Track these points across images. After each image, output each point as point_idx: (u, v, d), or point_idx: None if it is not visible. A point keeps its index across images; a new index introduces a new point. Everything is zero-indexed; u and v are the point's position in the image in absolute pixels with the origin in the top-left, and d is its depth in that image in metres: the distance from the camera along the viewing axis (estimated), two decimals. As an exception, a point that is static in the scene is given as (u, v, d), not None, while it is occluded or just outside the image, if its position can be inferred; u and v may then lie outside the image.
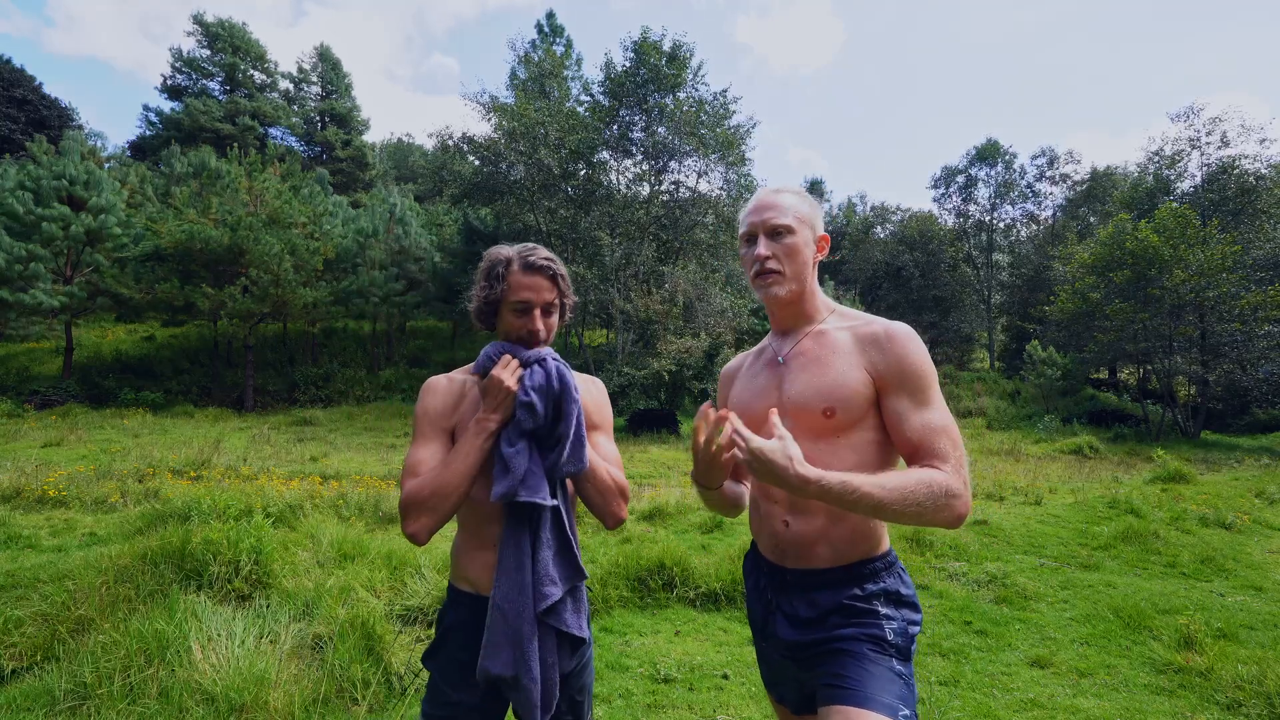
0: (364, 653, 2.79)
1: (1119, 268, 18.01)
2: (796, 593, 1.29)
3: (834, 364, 1.27)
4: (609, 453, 1.44)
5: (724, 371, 1.57)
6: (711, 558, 4.41)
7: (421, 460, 1.33)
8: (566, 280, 1.43)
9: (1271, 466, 11.36)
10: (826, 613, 1.25)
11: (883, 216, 40.81)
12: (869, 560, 1.27)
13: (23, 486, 6.13)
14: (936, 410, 1.20)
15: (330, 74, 41.91)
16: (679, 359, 16.58)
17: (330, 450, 11.66)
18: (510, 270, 1.37)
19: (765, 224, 1.32)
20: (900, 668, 1.19)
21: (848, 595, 1.24)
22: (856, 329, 1.30)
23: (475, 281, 1.42)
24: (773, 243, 1.32)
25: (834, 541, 1.27)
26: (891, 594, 1.26)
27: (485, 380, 1.31)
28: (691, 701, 2.85)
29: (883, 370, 1.23)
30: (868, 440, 1.25)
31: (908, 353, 1.22)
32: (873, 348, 1.25)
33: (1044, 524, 5.91)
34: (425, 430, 1.37)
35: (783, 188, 1.38)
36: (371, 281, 21.53)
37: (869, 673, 1.15)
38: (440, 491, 1.26)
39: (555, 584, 1.31)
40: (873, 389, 1.24)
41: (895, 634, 1.22)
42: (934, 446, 1.16)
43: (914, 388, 1.21)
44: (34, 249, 16.84)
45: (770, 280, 1.32)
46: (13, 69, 31.15)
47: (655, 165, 21.98)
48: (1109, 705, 2.84)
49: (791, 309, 1.37)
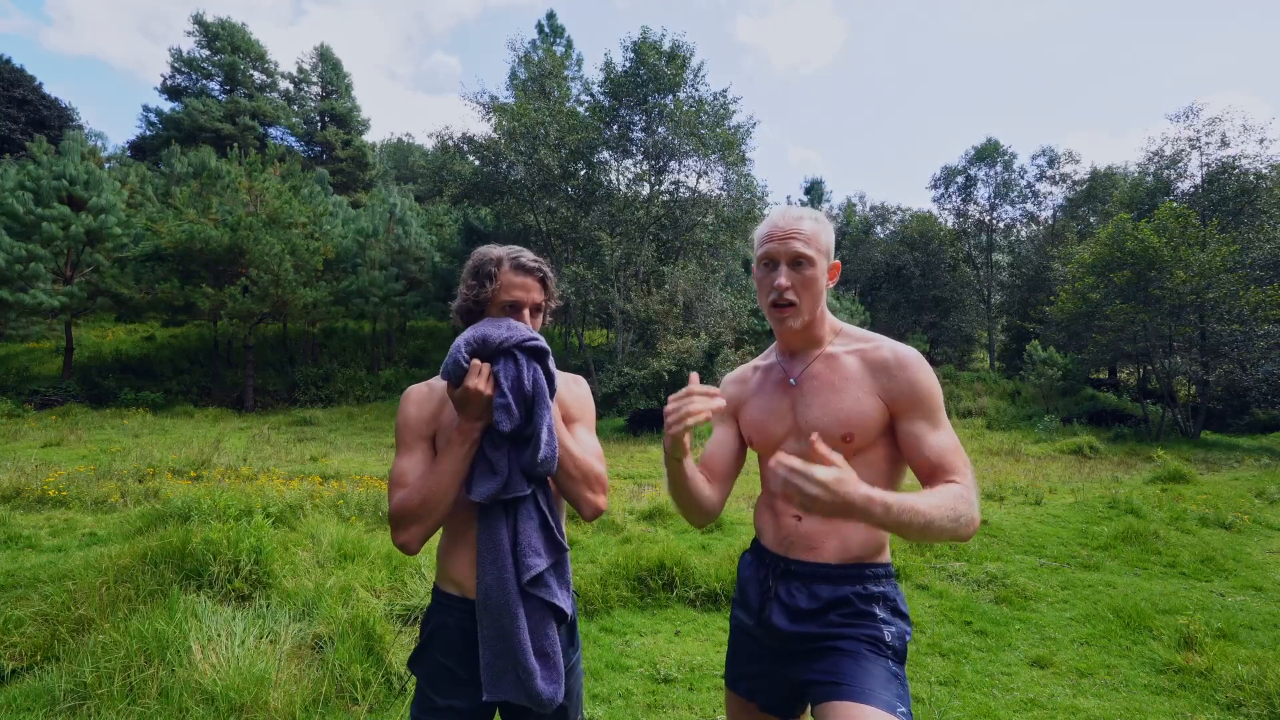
0: (364, 653, 2.79)
1: (1119, 268, 18.01)
2: (797, 582, 1.30)
3: (848, 390, 1.30)
4: (589, 445, 1.44)
5: (727, 380, 1.56)
6: (711, 558, 4.41)
7: (406, 471, 1.34)
8: (553, 284, 1.45)
9: (1271, 466, 11.36)
10: (826, 606, 1.25)
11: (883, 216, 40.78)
12: (874, 564, 1.30)
13: (23, 486, 6.12)
14: (947, 431, 1.26)
15: (330, 74, 41.89)
16: (679, 359, 16.58)
17: (330, 450, 11.66)
18: (501, 269, 1.38)
19: (789, 253, 1.32)
20: (896, 669, 1.21)
21: (850, 593, 1.26)
22: (865, 354, 1.33)
23: (462, 280, 1.42)
24: (793, 273, 1.32)
25: (845, 536, 1.29)
26: (891, 601, 1.28)
27: (459, 392, 1.28)
28: (691, 701, 2.85)
29: (895, 396, 1.27)
30: (880, 457, 1.30)
31: (920, 379, 1.27)
32: (884, 374, 1.29)
33: (1044, 524, 5.91)
34: (407, 440, 1.38)
35: (804, 213, 1.37)
36: (371, 281, 21.53)
37: (867, 671, 1.16)
38: (429, 501, 1.28)
39: (540, 555, 1.31)
40: (885, 413, 1.28)
41: (893, 637, 1.24)
42: (950, 464, 1.21)
43: (927, 410, 1.26)
44: (34, 249, 16.84)
45: (787, 314, 1.33)
46: (13, 69, 31.15)
47: (655, 165, 21.99)
48: (1109, 705, 2.84)
49: (802, 334, 1.39)
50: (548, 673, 1.28)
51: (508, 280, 1.38)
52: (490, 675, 1.26)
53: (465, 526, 1.36)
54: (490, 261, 1.39)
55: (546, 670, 1.28)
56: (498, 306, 1.38)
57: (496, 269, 1.38)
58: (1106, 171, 32.08)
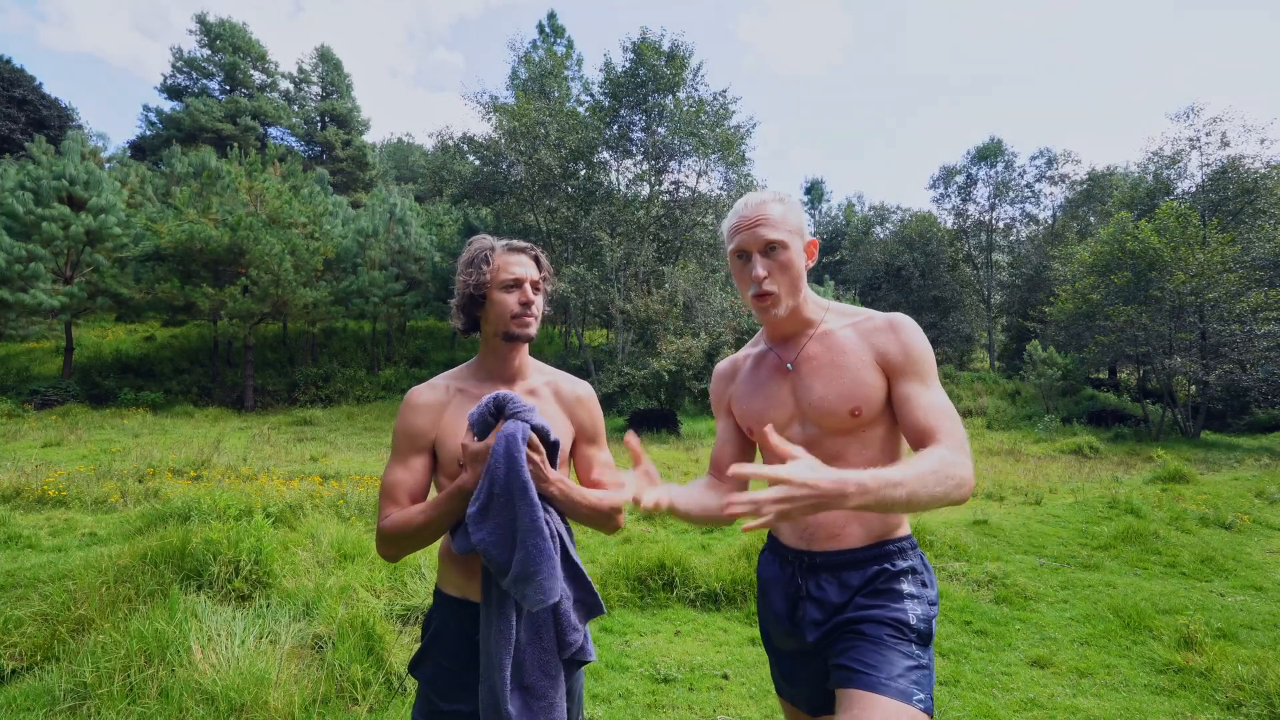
0: (364, 653, 2.79)
1: (1119, 268, 18.01)
2: (826, 575, 1.28)
3: (848, 365, 1.28)
4: (604, 466, 1.45)
5: (717, 374, 1.54)
6: (711, 558, 4.41)
7: (398, 482, 1.33)
8: (546, 264, 1.46)
9: (1271, 466, 11.36)
10: (854, 592, 1.24)
11: (882, 216, 40.79)
12: (896, 539, 1.29)
13: (23, 486, 6.12)
14: (939, 393, 1.24)
15: (330, 74, 41.93)
16: (679, 359, 16.55)
17: (330, 450, 11.65)
18: (495, 252, 1.40)
19: (759, 240, 1.28)
20: (920, 652, 1.18)
21: (877, 572, 1.25)
22: (859, 324, 1.32)
23: (459, 272, 1.42)
24: (768, 260, 1.29)
25: (865, 518, 1.28)
26: (918, 574, 1.27)
27: (472, 450, 1.23)
28: (691, 701, 2.85)
29: (891, 357, 1.26)
30: (886, 428, 1.29)
31: (914, 339, 1.26)
32: (879, 338, 1.28)
33: (1044, 524, 5.91)
34: (402, 448, 1.37)
35: (766, 196, 1.32)
36: (371, 281, 21.53)
37: (885, 657, 1.14)
38: (414, 539, 1.28)
39: (577, 629, 1.29)
40: (885, 379, 1.27)
41: (918, 619, 1.21)
42: (941, 426, 1.19)
43: (920, 371, 1.25)
44: (34, 249, 16.83)
45: (768, 302, 1.30)
46: (13, 69, 31.16)
47: (655, 165, 21.99)
48: (1109, 705, 2.84)
49: (790, 319, 1.36)
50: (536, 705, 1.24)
51: (503, 261, 1.40)
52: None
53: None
54: (484, 248, 1.40)
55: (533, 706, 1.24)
56: (498, 287, 1.38)
57: (491, 253, 1.40)
58: (1106, 172, 32.09)
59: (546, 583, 1.17)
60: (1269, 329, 16.52)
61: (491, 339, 1.42)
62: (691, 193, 22.57)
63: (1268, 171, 20.33)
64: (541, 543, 1.17)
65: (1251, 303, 16.52)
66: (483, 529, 1.18)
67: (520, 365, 1.46)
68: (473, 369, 1.47)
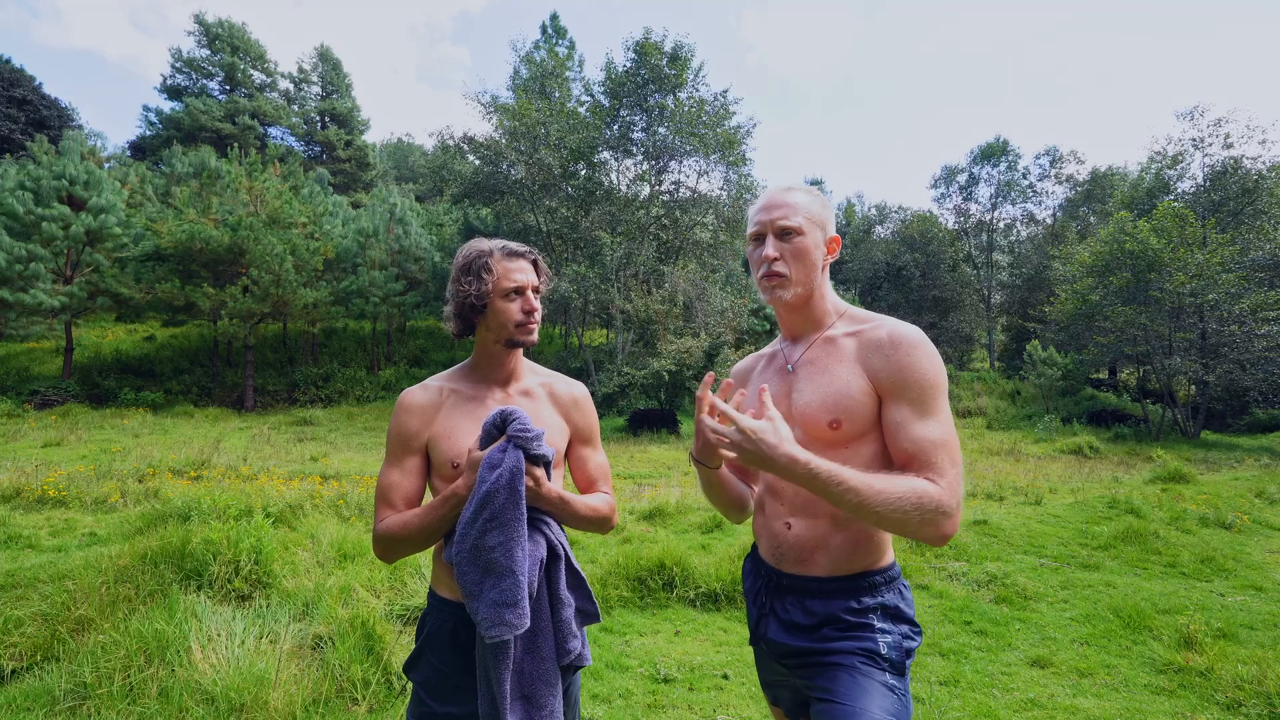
0: (364, 653, 2.79)
1: (1119, 269, 18.01)
2: (791, 598, 1.27)
3: (838, 374, 1.22)
4: (599, 466, 1.46)
5: (734, 371, 1.54)
6: (711, 558, 4.40)
7: (393, 484, 1.33)
8: (545, 267, 1.46)
9: (1271, 466, 11.36)
10: (820, 622, 1.22)
11: (883, 216, 40.79)
12: (868, 573, 1.23)
13: (23, 486, 6.12)
14: (938, 423, 1.13)
15: (330, 73, 41.91)
16: (679, 359, 16.56)
17: (330, 450, 11.66)
18: (494, 259, 1.37)
19: (774, 224, 1.27)
20: (894, 681, 1.14)
21: (843, 607, 1.21)
22: (862, 333, 1.24)
23: (454, 280, 1.39)
24: (781, 243, 1.27)
25: (833, 550, 1.23)
26: (890, 609, 1.22)
27: (469, 457, 1.25)
28: (691, 701, 2.85)
29: (883, 377, 1.17)
30: (876, 450, 1.19)
31: (912, 360, 1.15)
32: (875, 353, 1.19)
33: (1044, 524, 5.91)
34: (396, 450, 1.37)
35: (794, 186, 1.32)
36: (371, 281, 21.54)
37: (860, 686, 1.11)
38: (409, 543, 1.29)
39: (576, 636, 1.29)
40: (875, 397, 1.18)
41: (889, 648, 1.17)
42: (930, 460, 1.10)
43: (916, 397, 1.14)
44: (34, 249, 16.84)
45: (775, 283, 1.27)
46: (13, 69, 31.17)
47: (655, 165, 21.99)
48: (1109, 705, 2.84)
49: (799, 314, 1.32)
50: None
51: (504, 268, 1.37)
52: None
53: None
54: (482, 254, 1.38)
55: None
56: (500, 294, 1.37)
57: (490, 259, 1.37)
58: (1107, 172, 32.10)
59: (511, 619, 1.15)
60: (1269, 329, 16.52)
61: (490, 344, 1.41)
62: (692, 193, 22.57)
63: (1268, 172, 20.33)
64: (513, 585, 1.16)
65: (1251, 303, 16.52)
66: (462, 547, 1.19)
67: (515, 367, 1.45)
68: (467, 371, 1.46)
